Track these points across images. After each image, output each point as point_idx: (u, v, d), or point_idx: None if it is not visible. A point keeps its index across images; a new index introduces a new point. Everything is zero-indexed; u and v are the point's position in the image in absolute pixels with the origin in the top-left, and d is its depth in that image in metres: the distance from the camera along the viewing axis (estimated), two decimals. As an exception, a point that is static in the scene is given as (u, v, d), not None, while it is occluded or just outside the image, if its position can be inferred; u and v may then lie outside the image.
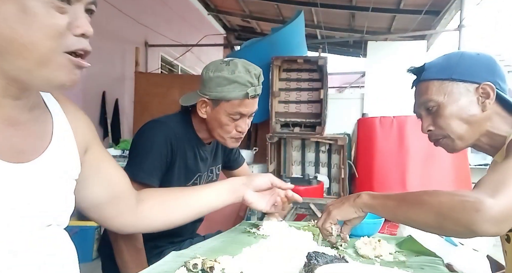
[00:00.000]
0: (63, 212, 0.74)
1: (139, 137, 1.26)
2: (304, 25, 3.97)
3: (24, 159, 0.67)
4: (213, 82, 1.23)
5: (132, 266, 1.14)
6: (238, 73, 1.21)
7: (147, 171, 1.18)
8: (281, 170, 3.95)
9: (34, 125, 0.70)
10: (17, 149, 0.66)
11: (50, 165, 0.71)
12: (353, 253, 0.97)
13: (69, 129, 0.77)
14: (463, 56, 0.98)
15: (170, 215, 0.98)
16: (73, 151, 0.77)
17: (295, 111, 3.72)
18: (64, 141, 0.75)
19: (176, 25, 5.86)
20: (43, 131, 0.72)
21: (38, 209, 0.68)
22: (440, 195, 0.79)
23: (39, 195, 0.68)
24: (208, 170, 1.42)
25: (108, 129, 4.31)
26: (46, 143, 0.71)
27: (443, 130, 0.98)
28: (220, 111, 1.24)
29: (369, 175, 3.99)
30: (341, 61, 8.68)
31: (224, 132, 1.27)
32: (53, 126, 0.73)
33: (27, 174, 0.66)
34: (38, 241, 0.67)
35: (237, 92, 1.21)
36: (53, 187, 0.72)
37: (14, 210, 0.64)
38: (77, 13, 0.61)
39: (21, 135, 0.67)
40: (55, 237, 0.72)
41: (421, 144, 3.85)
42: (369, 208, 0.94)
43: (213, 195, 1.04)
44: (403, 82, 4.64)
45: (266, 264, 0.74)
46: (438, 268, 0.87)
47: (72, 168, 0.77)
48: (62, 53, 0.60)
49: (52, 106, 0.76)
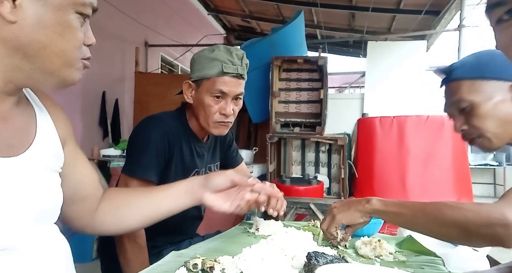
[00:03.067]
0: (54, 206, 0.75)
1: (136, 134, 1.26)
2: (304, 25, 3.97)
3: (13, 153, 0.69)
4: (195, 63, 1.28)
5: (134, 265, 1.14)
6: (218, 51, 1.24)
7: (145, 167, 1.17)
8: (281, 170, 3.95)
9: (21, 120, 0.73)
10: (7, 143, 0.68)
11: (38, 158, 0.73)
12: (353, 253, 0.97)
13: (50, 122, 0.80)
14: (494, 54, 0.95)
15: (122, 223, 0.94)
16: (56, 144, 0.80)
17: (295, 111, 3.72)
18: (48, 134, 0.78)
19: (176, 25, 5.86)
20: (28, 125, 0.75)
21: (28, 203, 0.68)
22: (464, 210, 0.81)
23: (30, 188, 0.70)
24: (206, 167, 1.42)
25: (108, 129, 4.31)
26: (32, 137, 0.74)
27: (477, 130, 0.95)
28: (203, 91, 1.25)
29: (369, 175, 3.99)
30: (341, 61, 8.69)
31: (208, 115, 1.26)
32: (36, 120, 0.77)
33: (16, 168, 0.68)
34: (29, 236, 0.68)
35: (215, 69, 1.22)
36: (42, 180, 0.73)
37: (4, 204, 0.64)
38: (87, 26, 0.71)
39: (10, 129, 0.70)
40: (46, 231, 0.72)
41: (421, 144, 3.86)
42: (379, 215, 0.94)
43: (169, 200, 0.96)
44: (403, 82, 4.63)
45: (266, 264, 0.74)
46: (438, 268, 0.87)
47: (57, 161, 0.79)
48: (81, 60, 0.70)
49: (34, 100, 0.79)
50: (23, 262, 0.66)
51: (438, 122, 3.74)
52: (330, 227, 0.98)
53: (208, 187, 0.94)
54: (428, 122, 3.87)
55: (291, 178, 3.51)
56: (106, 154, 3.58)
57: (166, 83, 4.37)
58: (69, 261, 0.77)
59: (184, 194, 0.95)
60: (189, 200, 0.95)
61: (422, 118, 3.90)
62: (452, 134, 3.64)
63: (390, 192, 3.70)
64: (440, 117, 3.78)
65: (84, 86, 3.84)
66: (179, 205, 0.95)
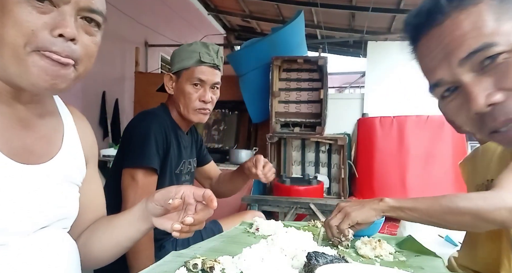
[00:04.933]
0: (67, 217, 0.75)
1: (134, 128, 1.31)
2: (304, 25, 3.97)
3: (33, 161, 0.69)
4: (175, 56, 1.39)
5: (142, 256, 1.17)
6: (196, 45, 1.37)
7: (149, 156, 1.23)
8: (281, 170, 3.95)
9: (46, 131, 0.73)
10: (28, 151, 0.68)
11: (61, 169, 0.74)
12: (353, 253, 0.97)
13: (78, 139, 0.80)
14: None
15: (92, 259, 0.84)
16: (81, 159, 0.80)
17: (295, 111, 3.72)
18: (74, 149, 0.78)
19: (176, 25, 5.86)
20: (54, 136, 0.75)
21: (39, 210, 0.68)
22: (475, 199, 0.89)
23: (44, 197, 0.69)
24: (191, 159, 1.48)
25: (108, 129, 4.31)
26: (57, 148, 0.74)
27: None
28: (182, 81, 1.36)
29: (369, 175, 3.99)
30: (341, 61, 8.69)
31: (188, 103, 1.35)
32: (63, 134, 0.77)
33: (34, 176, 0.68)
34: (37, 241, 0.67)
35: (193, 59, 1.34)
36: (59, 191, 0.73)
37: (19, 209, 0.65)
38: (63, 16, 0.61)
39: (33, 137, 0.70)
40: (56, 239, 0.72)
41: (421, 144, 3.86)
42: (395, 212, 0.97)
43: (125, 227, 0.84)
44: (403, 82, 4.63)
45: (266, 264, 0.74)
46: (438, 268, 0.87)
47: (79, 174, 0.79)
48: (32, 51, 0.60)
49: (65, 115, 0.80)
50: (27, 266, 0.65)
51: (438, 122, 3.74)
52: (343, 224, 0.98)
53: (150, 210, 0.79)
54: (428, 122, 3.87)
55: (291, 178, 3.51)
56: (106, 154, 3.58)
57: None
58: (77, 269, 0.76)
59: (137, 219, 0.82)
60: (144, 224, 0.81)
61: (422, 118, 3.90)
62: (452, 134, 3.64)
63: (390, 192, 3.70)
64: (440, 117, 3.75)
65: (84, 86, 3.84)
66: (136, 231, 0.82)
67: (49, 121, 0.75)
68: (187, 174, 1.45)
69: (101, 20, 0.69)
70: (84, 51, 0.65)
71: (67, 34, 0.61)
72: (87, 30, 0.66)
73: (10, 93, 0.66)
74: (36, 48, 0.60)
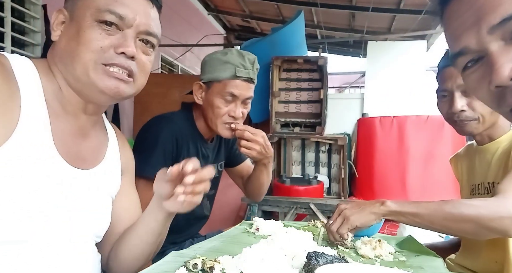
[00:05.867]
0: (102, 226, 0.84)
1: (144, 133, 1.27)
2: (304, 25, 3.97)
3: (84, 166, 0.78)
4: (207, 65, 1.28)
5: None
6: (231, 54, 1.25)
7: (153, 166, 1.14)
8: (281, 170, 3.95)
9: (96, 141, 0.84)
10: (82, 157, 0.78)
11: (100, 178, 0.82)
12: (353, 253, 0.97)
13: (118, 152, 0.90)
14: None
15: (123, 267, 0.91)
16: (117, 171, 0.89)
17: (295, 111, 3.73)
18: (113, 162, 0.87)
19: (176, 25, 5.85)
20: (101, 146, 0.85)
21: (77, 210, 0.76)
22: (477, 206, 0.90)
23: (91, 202, 0.79)
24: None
25: (108, 129, 4.32)
26: (101, 158, 0.84)
27: (476, 113, 1.07)
28: (213, 93, 1.27)
29: (369, 175, 3.99)
30: (341, 61, 8.69)
31: (216, 117, 1.26)
32: (107, 145, 0.87)
33: (82, 179, 0.77)
34: (74, 249, 0.74)
35: (228, 72, 1.24)
36: (97, 197, 0.81)
37: (62, 208, 0.72)
38: (126, 37, 0.75)
39: (87, 145, 0.80)
40: (88, 248, 0.79)
41: (421, 144, 3.86)
42: (396, 216, 0.97)
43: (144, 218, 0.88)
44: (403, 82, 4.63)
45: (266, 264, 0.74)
46: (438, 268, 0.87)
47: (114, 187, 0.88)
48: (100, 64, 0.73)
49: (109, 130, 0.91)
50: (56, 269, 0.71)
51: (438, 122, 3.74)
52: (342, 228, 0.98)
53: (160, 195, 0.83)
54: (428, 122, 3.87)
55: (291, 178, 3.51)
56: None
57: (166, 83, 4.36)
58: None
59: (153, 209, 0.87)
60: (159, 212, 0.85)
61: (422, 118, 3.90)
62: (452, 134, 3.64)
63: (390, 192, 3.70)
64: (440, 117, 3.77)
65: (84, 86, 3.84)
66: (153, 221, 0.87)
67: (100, 133, 0.86)
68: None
69: (156, 42, 0.81)
70: (141, 67, 0.78)
71: (128, 52, 0.74)
72: (144, 50, 0.79)
73: (80, 104, 0.78)
74: (103, 62, 0.73)
